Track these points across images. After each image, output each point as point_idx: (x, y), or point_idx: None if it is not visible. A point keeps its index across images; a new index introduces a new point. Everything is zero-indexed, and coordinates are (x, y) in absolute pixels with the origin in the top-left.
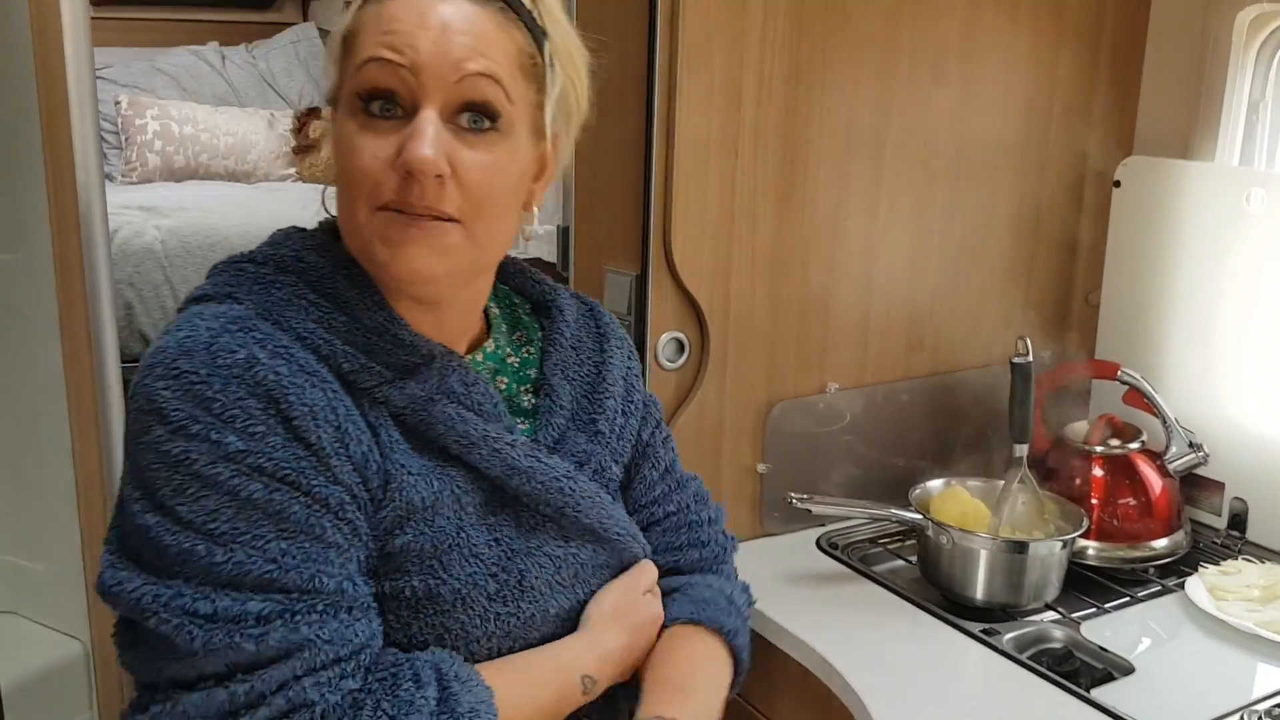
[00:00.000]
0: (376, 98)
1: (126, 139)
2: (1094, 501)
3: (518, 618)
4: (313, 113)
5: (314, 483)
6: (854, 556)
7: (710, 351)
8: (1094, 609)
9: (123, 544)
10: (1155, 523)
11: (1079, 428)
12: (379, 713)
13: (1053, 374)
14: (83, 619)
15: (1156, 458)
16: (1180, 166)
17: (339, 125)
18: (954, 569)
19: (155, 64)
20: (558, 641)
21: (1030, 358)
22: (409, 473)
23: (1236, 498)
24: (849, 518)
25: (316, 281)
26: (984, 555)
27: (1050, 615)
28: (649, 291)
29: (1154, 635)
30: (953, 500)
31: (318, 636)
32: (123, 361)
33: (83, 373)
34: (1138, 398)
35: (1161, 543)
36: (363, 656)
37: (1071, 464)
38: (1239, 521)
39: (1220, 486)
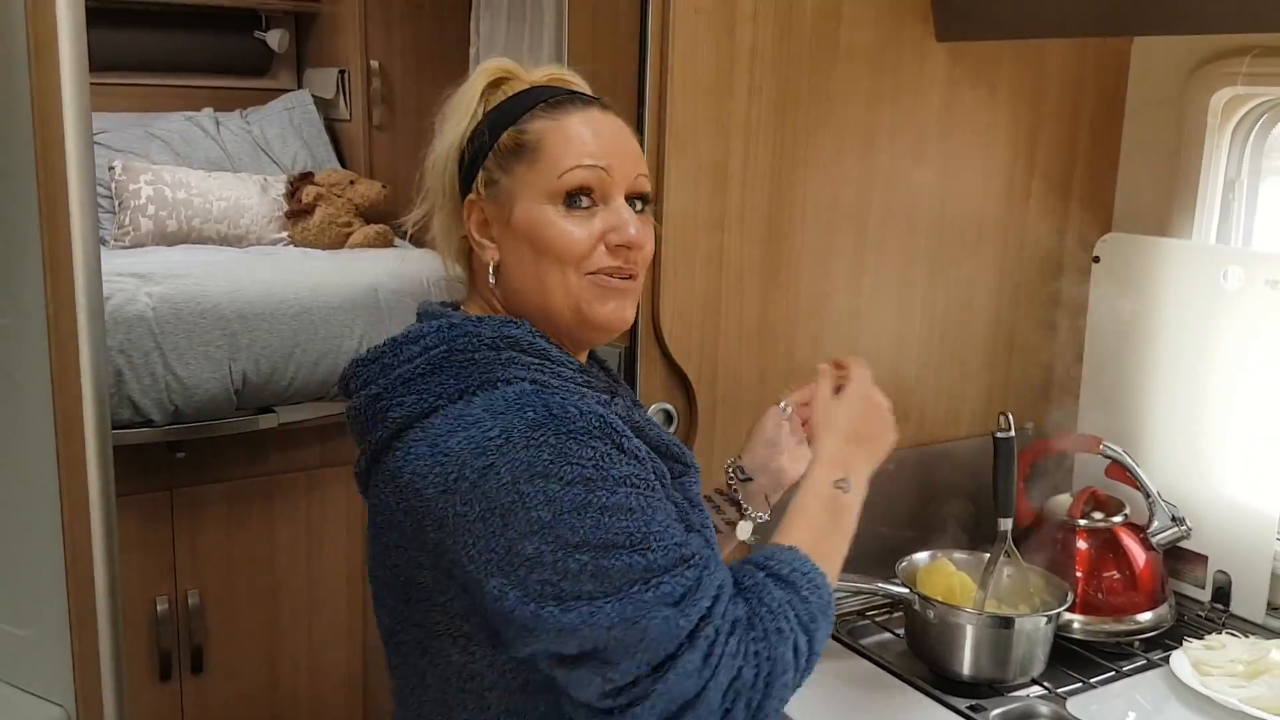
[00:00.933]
0: (580, 194)
1: (120, 203)
2: (1078, 575)
3: None
4: (305, 178)
5: (655, 483)
6: (842, 630)
7: (699, 423)
8: (1080, 684)
9: (543, 594)
10: (1139, 596)
11: (1062, 501)
12: (758, 615)
13: (1034, 447)
14: (67, 686)
15: (1140, 531)
16: (1157, 244)
17: (531, 212)
18: (940, 644)
19: (150, 129)
20: (801, 477)
21: (1012, 432)
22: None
23: (1220, 570)
24: (836, 590)
25: (529, 348)
26: (970, 630)
27: (1037, 690)
28: (638, 364)
29: (1140, 710)
30: (939, 573)
31: (722, 583)
32: (112, 428)
33: (74, 440)
34: (1120, 471)
35: (1146, 616)
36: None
37: (1055, 537)
38: (1223, 595)
39: (1204, 559)
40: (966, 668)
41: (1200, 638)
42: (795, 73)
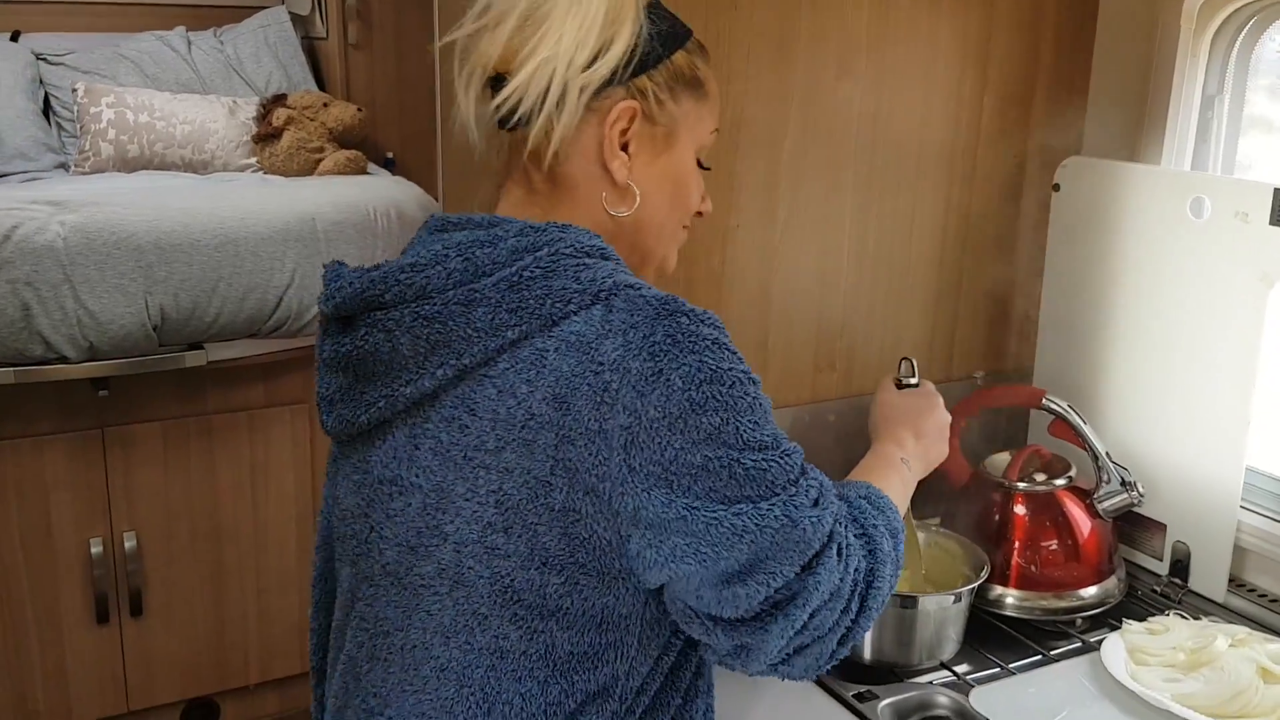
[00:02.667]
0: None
1: (81, 127)
2: (1014, 544)
3: None
4: (277, 100)
5: None
6: None
7: None
8: (997, 669)
9: (711, 499)
10: (1082, 569)
11: (1000, 460)
12: (853, 511)
13: (971, 400)
14: None
15: (1086, 496)
16: (1121, 169)
17: (687, 155)
18: None
19: (119, 50)
20: (866, 457)
21: (915, 380)
22: None
23: (1179, 541)
24: None
25: (620, 263)
26: None
27: (943, 676)
28: None
29: (1053, 706)
30: None
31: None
32: (21, 364)
33: None
34: (1066, 428)
35: (1090, 591)
36: None
37: (990, 500)
38: (1181, 568)
39: (1162, 528)
40: (867, 651)
41: (1144, 618)
42: None
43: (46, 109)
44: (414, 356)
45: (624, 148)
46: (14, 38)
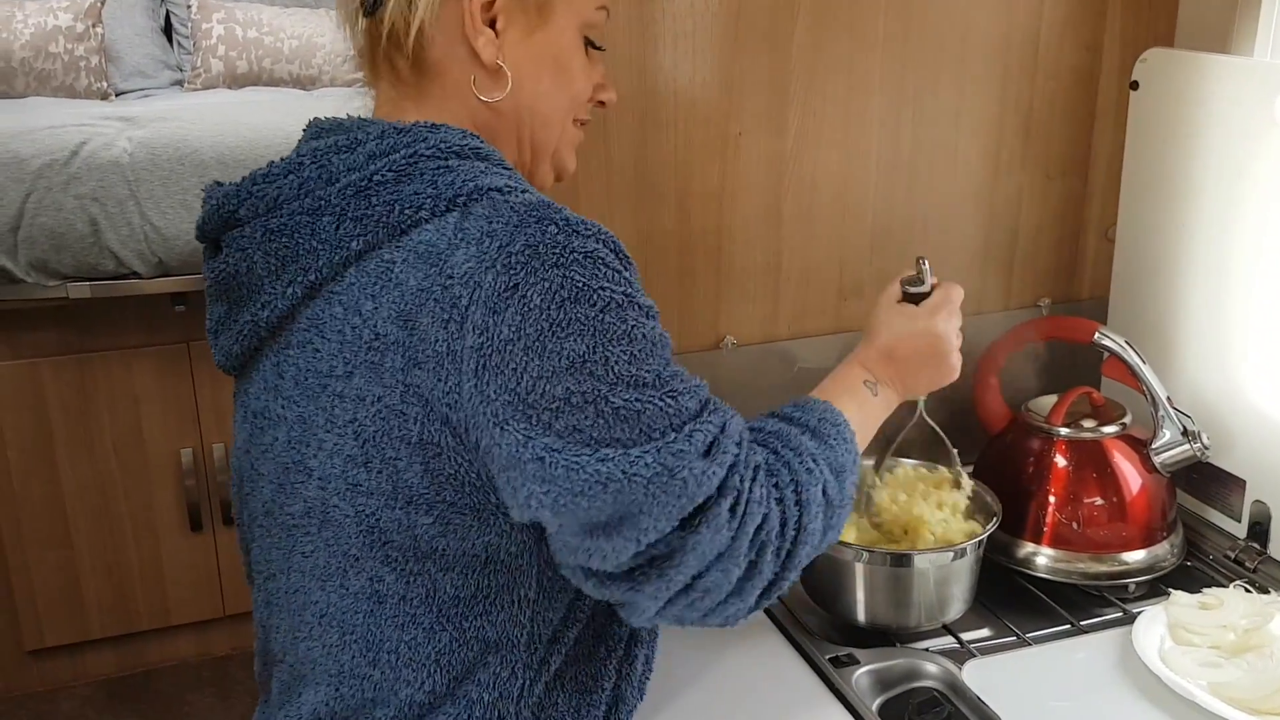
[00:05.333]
0: (596, 35)
1: (195, 44)
2: (1050, 497)
3: None
4: None
5: None
6: None
7: None
8: (1011, 638)
9: (576, 440)
10: (1129, 529)
11: (1045, 402)
12: (782, 459)
13: (1014, 334)
14: None
15: (1142, 447)
16: (1208, 62)
17: (567, 34)
18: (830, 585)
19: None
20: (833, 374)
21: (925, 286)
22: None
23: (1258, 500)
24: None
25: (500, 162)
26: (859, 569)
27: (944, 642)
28: None
29: (1058, 684)
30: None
31: (742, 430)
32: (96, 278)
33: None
34: (1122, 368)
35: (1136, 555)
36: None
37: (1028, 448)
38: (1260, 532)
39: (1241, 485)
40: (860, 612)
41: (1203, 588)
42: None
43: (168, 27)
44: (267, 276)
45: (492, 25)
46: None
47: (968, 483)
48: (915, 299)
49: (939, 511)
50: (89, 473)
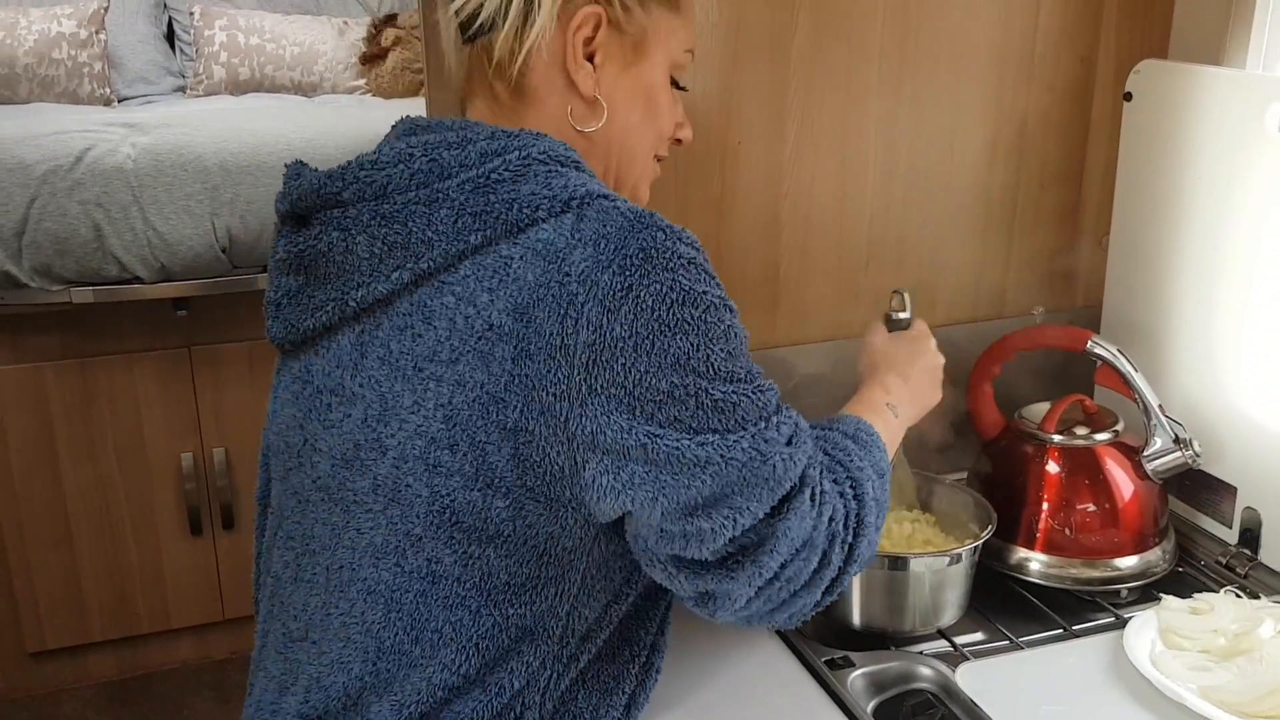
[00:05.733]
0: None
1: (197, 51)
2: (1043, 503)
3: None
4: (389, 20)
5: None
6: None
7: None
8: (1004, 642)
9: (676, 429)
10: (1121, 535)
11: (1038, 410)
12: (835, 458)
13: (1006, 342)
14: None
15: (1133, 454)
16: (1200, 74)
17: (659, 70)
18: None
19: None
20: (855, 398)
21: (907, 314)
22: None
23: (1249, 507)
24: None
25: (592, 174)
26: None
27: (938, 646)
28: None
29: (1051, 686)
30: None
31: (807, 428)
32: (99, 283)
33: None
34: (1115, 376)
35: (1128, 561)
36: None
37: (1022, 454)
38: (1251, 538)
39: (1233, 492)
40: (856, 615)
41: (1195, 593)
42: None
43: (171, 34)
44: (369, 258)
45: (590, 58)
46: None
47: (938, 503)
48: (899, 327)
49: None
50: (90, 476)
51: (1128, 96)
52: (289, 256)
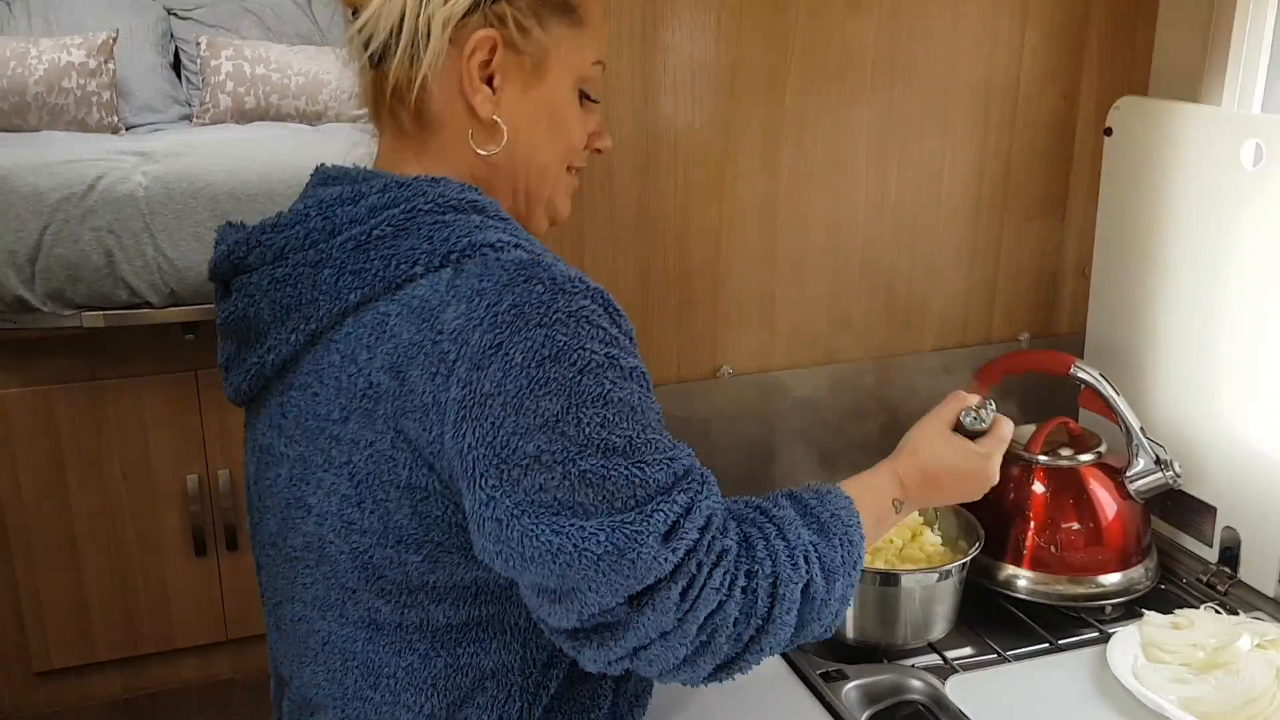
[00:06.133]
0: (591, 88)
1: (203, 80)
2: (1030, 522)
3: None
4: None
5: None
6: None
7: None
8: (993, 656)
9: (537, 504)
10: (1105, 553)
11: (1025, 431)
12: (769, 550)
13: (993, 366)
14: None
15: (1116, 475)
16: (1177, 110)
17: (563, 86)
18: None
19: (244, 3)
20: (869, 471)
21: (984, 426)
22: None
23: (1228, 527)
24: None
25: (496, 214)
26: None
27: (928, 659)
28: None
29: (1037, 698)
30: None
31: (713, 512)
32: (109, 308)
33: None
34: (1098, 399)
35: (1112, 578)
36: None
37: (1009, 474)
38: (1230, 556)
39: (1212, 512)
40: (850, 630)
41: (1176, 610)
42: None
43: (177, 63)
44: (273, 322)
45: (489, 81)
46: None
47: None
48: (970, 434)
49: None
50: (98, 497)
51: (1108, 131)
52: (221, 322)
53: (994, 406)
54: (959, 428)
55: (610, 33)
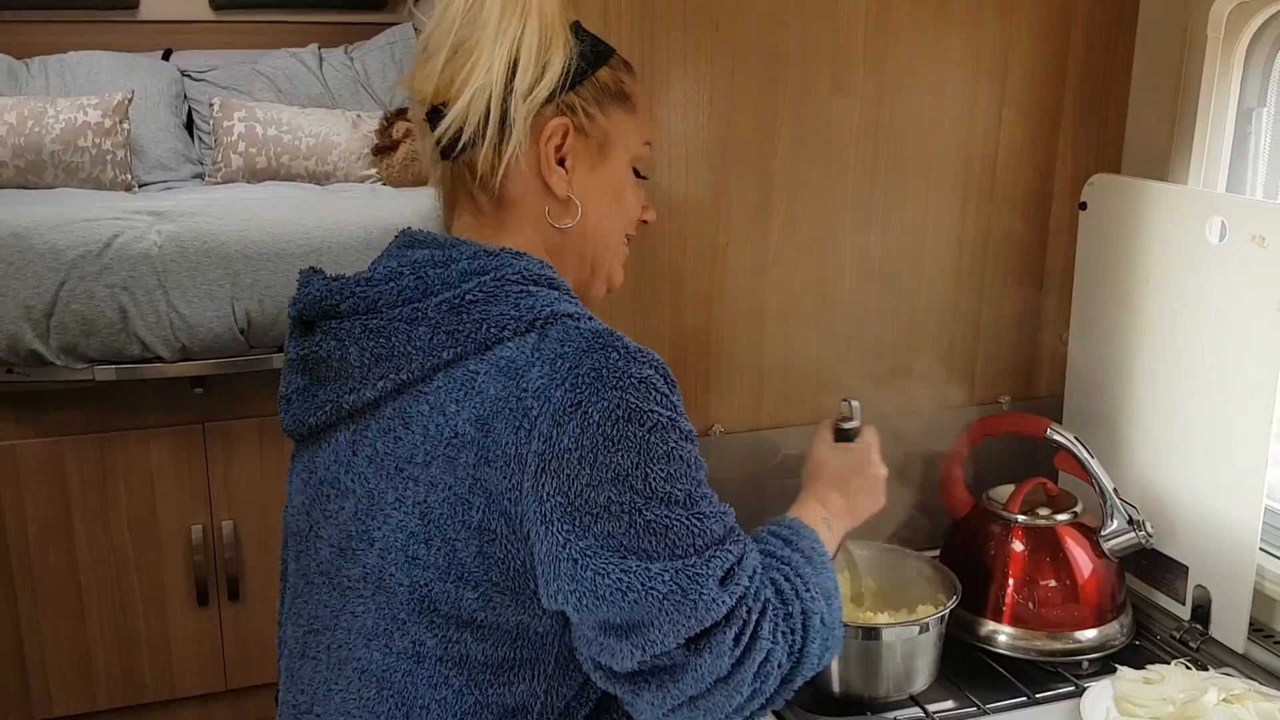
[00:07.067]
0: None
1: (216, 140)
2: (1009, 579)
3: None
4: (400, 114)
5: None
6: None
7: None
8: (972, 708)
9: (606, 547)
10: (1082, 610)
11: (1003, 491)
12: (789, 595)
13: (974, 428)
14: None
15: (1091, 534)
16: (1146, 188)
17: (623, 164)
18: None
19: (256, 66)
20: (795, 504)
21: (856, 423)
22: None
23: (1199, 585)
24: None
25: (568, 291)
26: None
27: (910, 711)
28: None
29: None
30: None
31: (757, 566)
32: (121, 362)
33: None
34: (1073, 461)
35: (1088, 634)
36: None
37: (989, 532)
38: (1202, 614)
39: (1184, 570)
40: (835, 683)
41: (1149, 665)
42: None
43: (190, 123)
44: (360, 366)
45: (561, 163)
46: (165, 56)
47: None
48: (846, 436)
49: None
50: (104, 547)
51: (1083, 206)
52: (296, 358)
53: (858, 405)
54: (839, 435)
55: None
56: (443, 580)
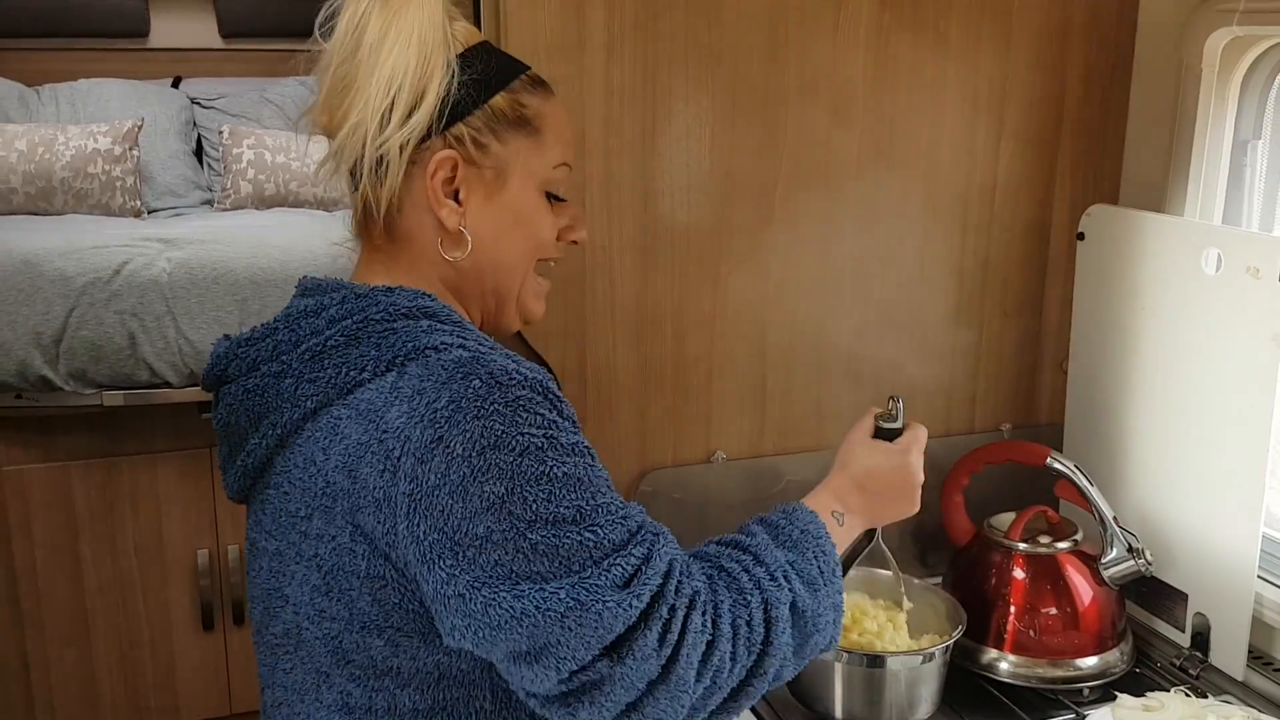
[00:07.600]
0: (559, 188)
1: (225, 167)
2: (1011, 607)
3: None
4: None
5: (593, 451)
6: None
7: None
8: None
9: (495, 576)
10: (1082, 638)
11: (1004, 519)
12: (743, 565)
13: (974, 456)
14: None
15: (1092, 562)
16: (1142, 219)
17: (527, 192)
18: (811, 684)
19: (265, 94)
20: (809, 496)
21: (899, 424)
22: None
23: (1199, 613)
24: None
25: (447, 318)
26: (838, 669)
27: None
28: None
29: None
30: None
31: (673, 558)
32: (130, 388)
33: None
34: (1073, 489)
35: (1089, 662)
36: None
37: (990, 560)
38: (1201, 641)
39: (1184, 598)
40: (838, 709)
41: (1148, 692)
42: (666, 27)
43: (199, 150)
44: (249, 428)
45: (455, 195)
46: (175, 84)
47: (908, 604)
48: (888, 435)
49: (887, 627)
50: (110, 571)
51: (1081, 236)
52: (215, 427)
53: (902, 406)
54: (878, 433)
55: (573, 136)
56: (350, 631)
